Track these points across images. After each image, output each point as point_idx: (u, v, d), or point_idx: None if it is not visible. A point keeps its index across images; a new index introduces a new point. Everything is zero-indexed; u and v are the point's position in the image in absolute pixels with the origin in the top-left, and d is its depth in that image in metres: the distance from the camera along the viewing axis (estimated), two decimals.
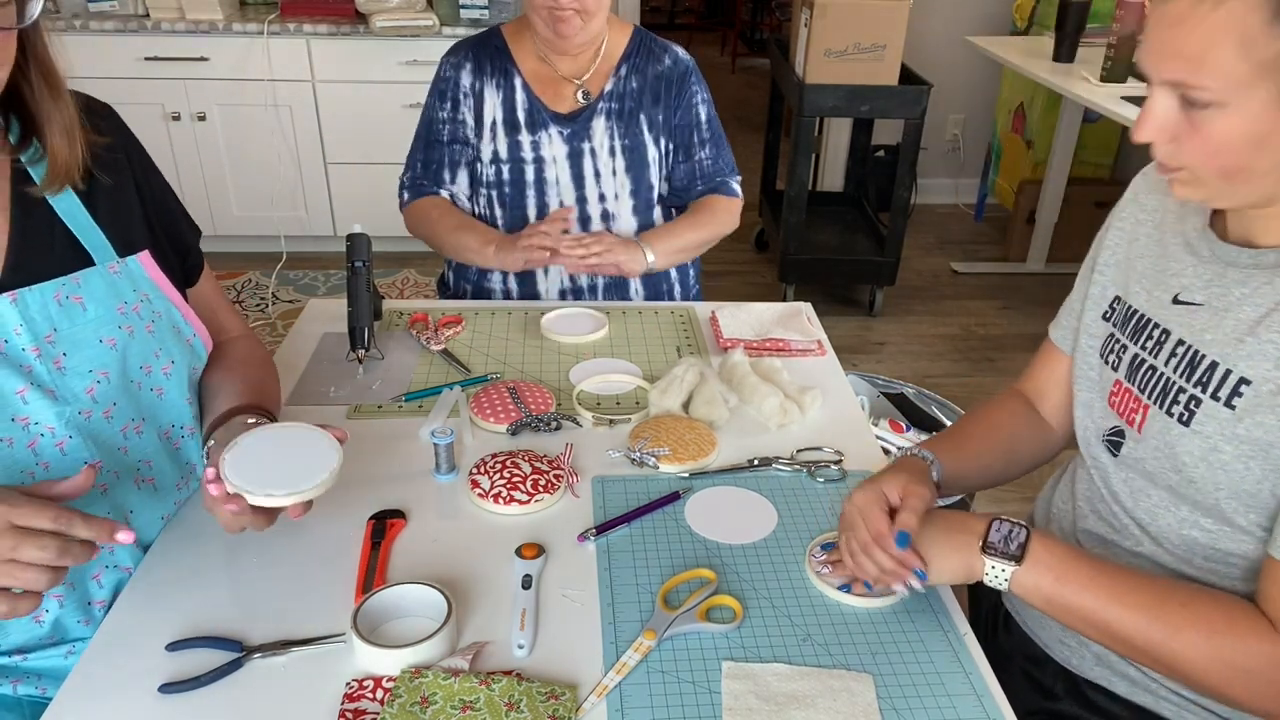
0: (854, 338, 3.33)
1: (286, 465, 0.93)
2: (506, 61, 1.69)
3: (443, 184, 1.72)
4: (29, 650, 1.00)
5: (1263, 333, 0.86)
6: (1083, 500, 1.06)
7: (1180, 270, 0.96)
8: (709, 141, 1.75)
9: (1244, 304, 0.89)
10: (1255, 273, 0.89)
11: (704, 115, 1.74)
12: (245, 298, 3.43)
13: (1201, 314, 0.92)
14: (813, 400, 1.32)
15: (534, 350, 1.48)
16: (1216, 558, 0.91)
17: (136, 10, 3.28)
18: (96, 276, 0.98)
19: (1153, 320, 0.98)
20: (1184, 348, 0.93)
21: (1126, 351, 1.00)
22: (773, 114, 3.89)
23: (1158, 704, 0.97)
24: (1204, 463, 0.89)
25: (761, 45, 7.04)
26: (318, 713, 0.84)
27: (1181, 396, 0.91)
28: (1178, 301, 0.95)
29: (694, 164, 1.75)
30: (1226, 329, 0.89)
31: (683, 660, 0.91)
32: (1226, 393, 0.87)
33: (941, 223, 4.32)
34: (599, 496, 1.14)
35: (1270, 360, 0.85)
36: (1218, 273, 0.92)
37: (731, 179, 1.78)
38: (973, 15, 4.08)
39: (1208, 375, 0.89)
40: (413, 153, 1.75)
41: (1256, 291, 0.88)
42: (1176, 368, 0.93)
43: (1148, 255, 1.02)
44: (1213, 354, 0.90)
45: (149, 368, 1.02)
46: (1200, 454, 0.89)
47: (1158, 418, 0.94)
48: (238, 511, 0.91)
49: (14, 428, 0.92)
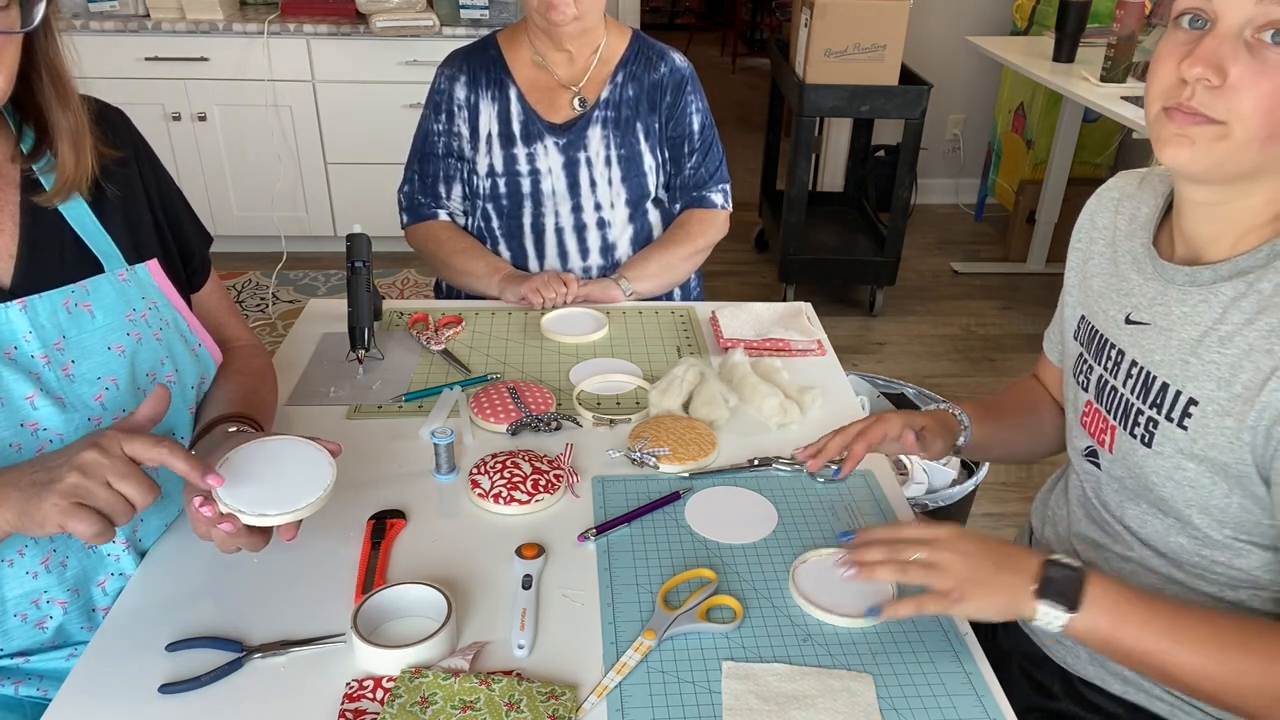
0: (854, 338, 3.33)
1: (279, 482, 0.90)
2: (501, 72, 1.69)
3: (440, 200, 1.73)
4: (31, 653, 1.00)
5: (1203, 353, 0.86)
6: (1077, 505, 1.07)
7: (1130, 289, 0.96)
8: (698, 151, 1.75)
9: (1185, 323, 0.89)
10: (1192, 290, 0.89)
11: (697, 125, 1.74)
12: (245, 298, 3.43)
13: (1150, 334, 0.92)
14: (813, 400, 1.32)
15: (534, 350, 1.48)
16: (1203, 565, 0.92)
17: (136, 10, 3.28)
18: (105, 284, 0.98)
19: (1110, 341, 0.98)
20: (1137, 369, 0.93)
21: (1093, 372, 1.00)
22: (773, 114, 3.89)
23: (1151, 702, 0.98)
24: (1170, 481, 0.89)
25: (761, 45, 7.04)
26: (318, 713, 0.84)
27: (1140, 418, 0.92)
28: (1130, 321, 0.95)
29: (681, 174, 1.76)
30: (1172, 349, 0.89)
31: (683, 660, 0.91)
32: (1178, 414, 0.87)
33: (941, 223, 4.32)
34: (599, 496, 1.14)
35: (1212, 380, 0.85)
36: (1159, 291, 0.92)
37: (713, 190, 1.77)
38: (973, 15, 4.08)
39: (1160, 397, 0.89)
40: (409, 165, 1.75)
41: (1195, 310, 0.88)
42: (1134, 389, 0.93)
43: (1101, 274, 1.02)
44: (1162, 375, 0.90)
45: (154, 375, 1.02)
46: (1165, 473, 0.89)
47: (1123, 439, 0.94)
48: (232, 532, 0.88)
49: (23, 433, 0.92)
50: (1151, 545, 0.95)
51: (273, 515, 0.88)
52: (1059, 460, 1.17)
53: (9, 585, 0.95)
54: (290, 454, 0.94)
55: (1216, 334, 0.86)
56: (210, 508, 0.87)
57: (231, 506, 0.87)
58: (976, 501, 1.99)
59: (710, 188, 1.77)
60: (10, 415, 0.91)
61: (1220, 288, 0.87)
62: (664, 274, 1.71)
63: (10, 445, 0.91)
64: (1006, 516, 2.44)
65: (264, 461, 0.93)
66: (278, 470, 0.92)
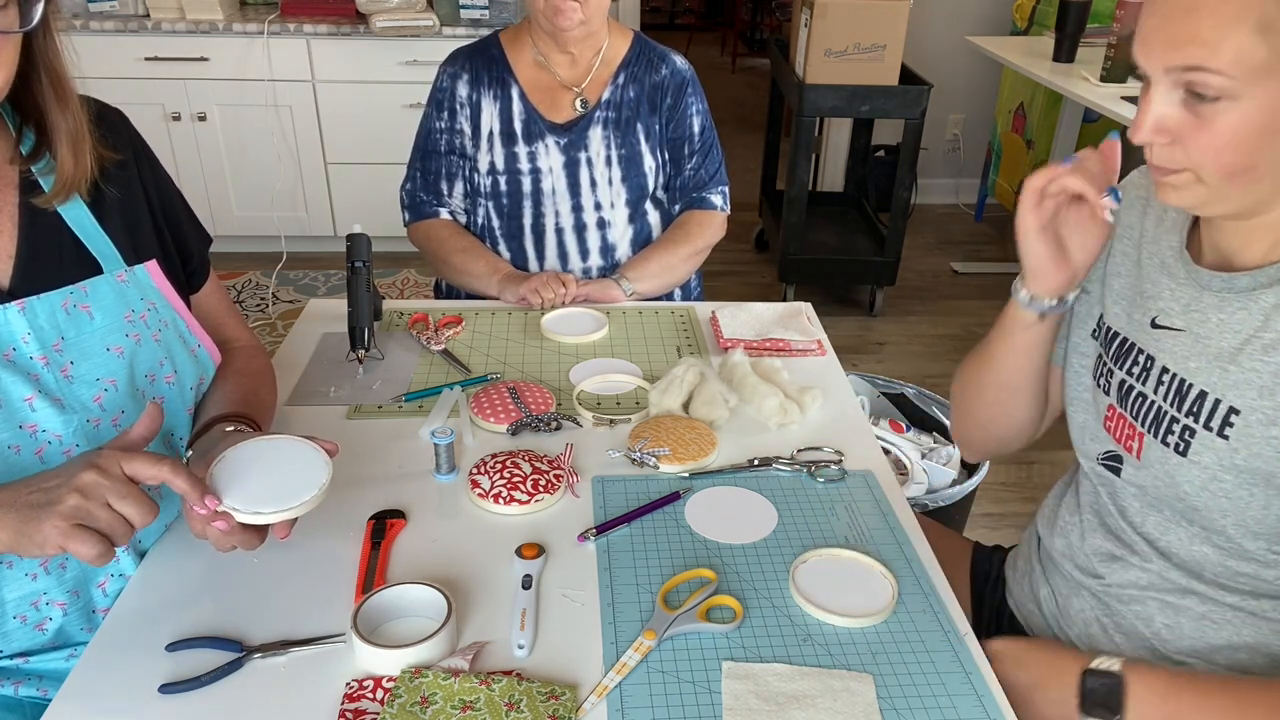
0: (854, 338, 3.33)
1: (274, 480, 0.91)
2: (504, 71, 1.69)
3: (442, 198, 1.73)
4: (31, 654, 1.00)
5: (1244, 361, 0.85)
6: (1090, 513, 1.05)
7: (1157, 293, 0.95)
8: (698, 152, 1.75)
9: (1223, 330, 0.87)
10: (1230, 297, 0.87)
11: (697, 127, 1.74)
12: (245, 298, 3.43)
13: (1183, 339, 0.91)
14: (813, 400, 1.32)
15: (534, 350, 1.48)
16: (1226, 575, 0.90)
17: (136, 10, 3.28)
18: (104, 285, 0.98)
19: (1135, 345, 0.96)
20: (1170, 375, 0.91)
21: (1114, 376, 0.98)
22: (773, 114, 3.89)
23: None
24: (1206, 491, 0.88)
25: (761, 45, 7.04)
26: (318, 713, 0.84)
27: (1175, 426, 0.90)
28: (1157, 325, 0.94)
29: (680, 175, 1.76)
30: (1209, 356, 0.88)
31: (683, 660, 0.91)
32: (1218, 423, 0.86)
33: (941, 223, 4.32)
34: (599, 496, 1.14)
35: (1254, 389, 0.84)
36: (1194, 296, 0.91)
37: (713, 191, 1.77)
38: (973, 15, 4.08)
39: (1198, 405, 0.88)
40: (411, 163, 1.76)
41: (1233, 317, 0.87)
42: (1166, 396, 0.91)
43: (1123, 274, 1.00)
44: (1199, 383, 0.88)
45: (153, 376, 1.02)
46: (1201, 483, 0.88)
47: (1154, 447, 0.92)
48: (226, 530, 0.88)
49: (21, 435, 0.92)
50: (1171, 556, 0.94)
51: (267, 513, 0.88)
52: (1063, 463, 1.15)
53: (8, 587, 0.95)
54: (286, 453, 0.94)
55: (1260, 341, 0.84)
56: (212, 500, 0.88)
57: (226, 505, 0.87)
58: (976, 501, 2.00)
59: (710, 189, 1.77)
60: (9, 417, 0.91)
61: (1260, 295, 0.85)
62: (664, 274, 1.71)
63: (9, 447, 0.91)
64: (1006, 516, 2.44)
65: (259, 460, 0.93)
66: (273, 469, 0.92)
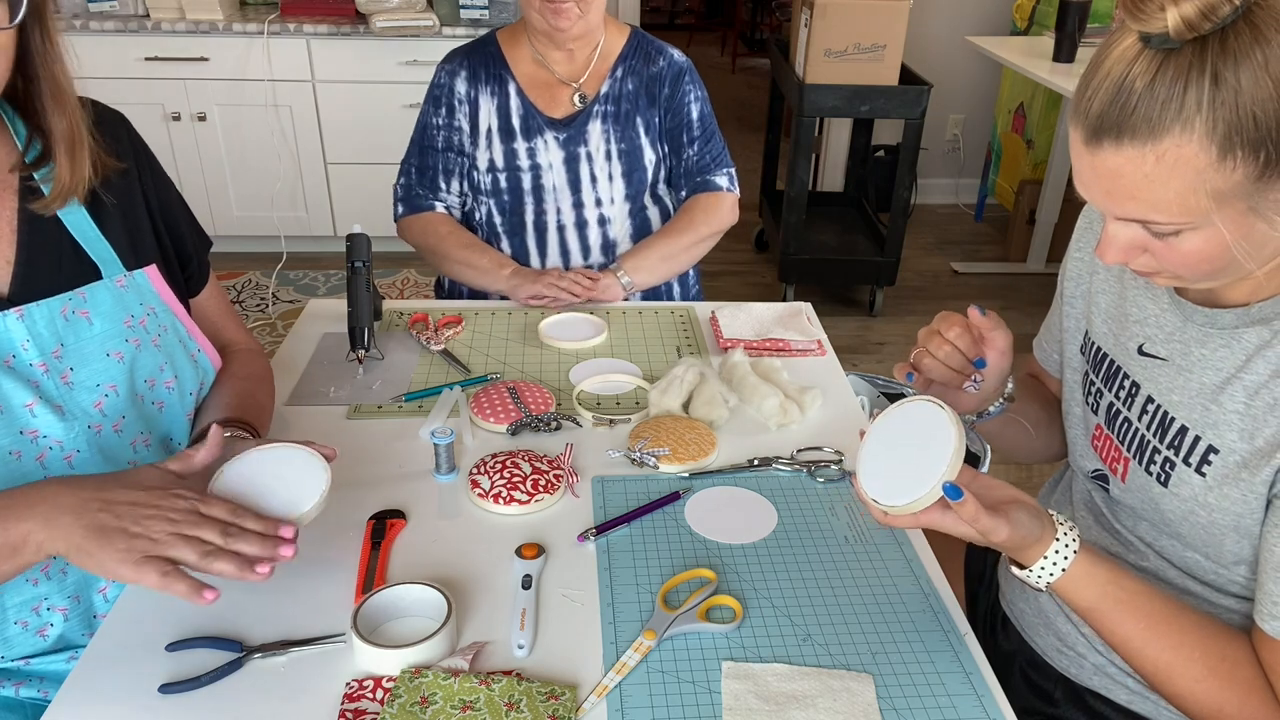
0: (854, 338, 3.33)
1: (275, 490, 0.91)
2: (501, 68, 1.69)
3: (438, 193, 1.73)
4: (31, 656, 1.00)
5: (1225, 401, 0.84)
6: (1084, 510, 1.05)
7: (1143, 317, 0.94)
8: (699, 139, 1.74)
9: (1205, 366, 0.87)
10: (1213, 333, 0.87)
11: (695, 114, 1.74)
12: (245, 298, 3.43)
13: (1167, 370, 0.90)
14: (813, 400, 1.32)
15: (534, 350, 1.48)
16: (1221, 580, 0.90)
17: (136, 10, 3.28)
18: (103, 290, 0.97)
19: (1122, 369, 0.96)
20: (1154, 405, 0.91)
21: (1103, 398, 0.98)
22: (773, 114, 3.89)
23: (1157, 712, 0.97)
24: (1186, 521, 0.88)
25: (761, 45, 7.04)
26: (318, 713, 0.84)
27: (1157, 457, 0.90)
28: (1143, 353, 0.93)
29: (682, 163, 1.75)
30: (1191, 391, 0.88)
31: (683, 660, 0.91)
32: (1196, 460, 0.86)
33: (941, 223, 4.32)
34: (599, 496, 1.14)
35: (1234, 430, 0.83)
36: (1177, 327, 0.90)
37: (717, 174, 1.75)
38: (973, 15, 4.08)
39: (1178, 439, 0.88)
40: (407, 158, 1.75)
41: (1215, 354, 0.86)
42: (1150, 425, 0.91)
43: (1109, 292, 0.99)
44: (1181, 417, 0.88)
45: (153, 381, 1.02)
46: (1181, 514, 0.89)
47: (1138, 473, 0.93)
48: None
49: (22, 440, 0.92)
50: (1165, 555, 0.94)
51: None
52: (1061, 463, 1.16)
53: (9, 592, 0.95)
54: (284, 465, 0.94)
55: (1241, 382, 0.83)
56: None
57: None
58: None
59: (714, 171, 1.75)
60: (9, 423, 0.91)
61: (1243, 333, 0.84)
62: (664, 264, 1.69)
63: (10, 453, 0.91)
64: None
65: (259, 470, 0.93)
66: (273, 478, 0.92)
